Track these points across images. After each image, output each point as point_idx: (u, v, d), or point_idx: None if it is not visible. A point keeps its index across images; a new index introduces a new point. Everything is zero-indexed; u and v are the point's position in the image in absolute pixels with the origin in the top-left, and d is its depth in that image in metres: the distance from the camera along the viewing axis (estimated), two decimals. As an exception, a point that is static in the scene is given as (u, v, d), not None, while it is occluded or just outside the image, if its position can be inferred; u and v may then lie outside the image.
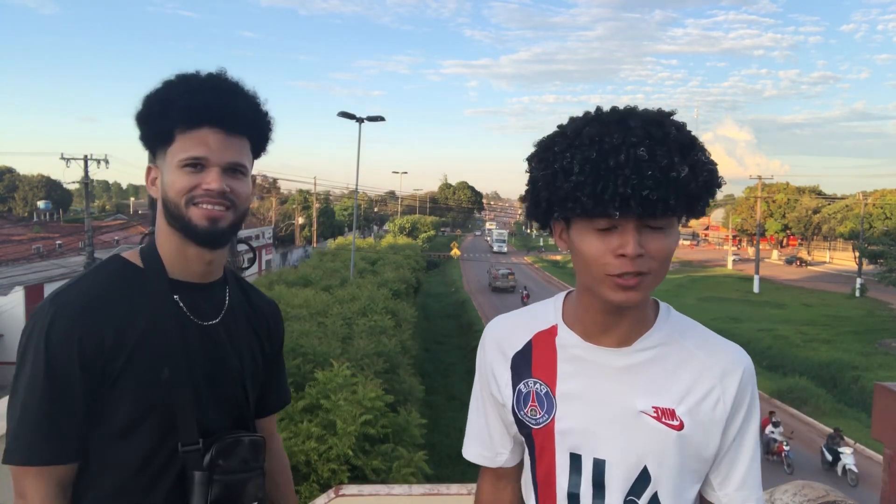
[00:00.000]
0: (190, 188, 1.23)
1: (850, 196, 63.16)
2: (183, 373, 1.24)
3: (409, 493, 3.68)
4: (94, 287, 1.24)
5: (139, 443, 1.22)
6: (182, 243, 1.28)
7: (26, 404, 1.17)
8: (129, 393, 1.20)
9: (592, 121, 1.01)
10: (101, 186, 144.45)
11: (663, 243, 1.00)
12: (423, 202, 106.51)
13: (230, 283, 1.41)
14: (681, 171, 0.94)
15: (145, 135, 1.28)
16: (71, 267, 25.01)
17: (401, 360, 12.56)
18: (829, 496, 2.13)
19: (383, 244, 39.97)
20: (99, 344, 1.18)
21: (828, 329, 30.47)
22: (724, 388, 1.10)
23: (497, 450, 1.26)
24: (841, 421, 18.01)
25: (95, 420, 1.21)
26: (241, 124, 1.27)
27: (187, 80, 1.26)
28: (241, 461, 1.28)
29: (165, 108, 1.23)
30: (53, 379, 1.17)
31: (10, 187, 74.06)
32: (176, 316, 1.26)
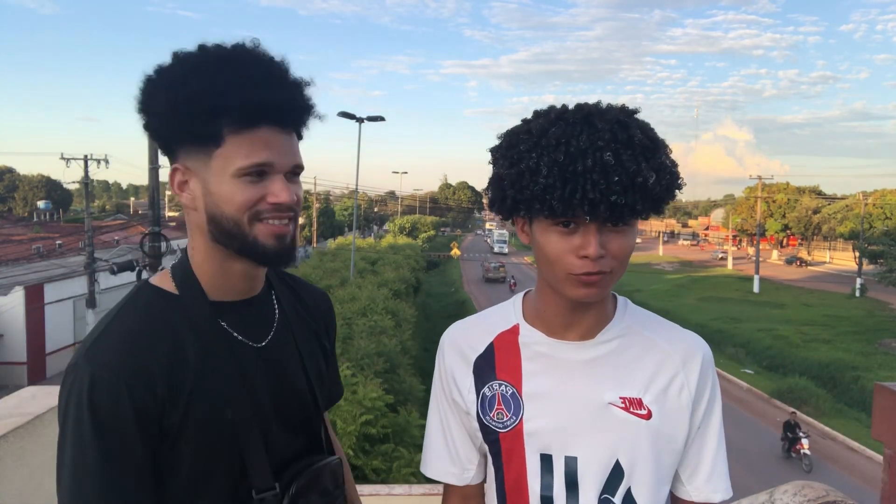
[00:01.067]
0: (255, 201, 1.02)
1: (850, 196, 63.20)
2: (246, 410, 1.06)
3: (409, 493, 3.69)
4: (130, 327, 1.03)
5: (211, 497, 1.06)
6: (226, 261, 1.08)
7: (86, 484, 0.95)
8: (192, 444, 1.03)
9: (558, 119, 1.00)
10: (101, 186, 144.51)
11: (624, 243, 1.01)
12: (423, 202, 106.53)
13: (276, 288, 1.21)
14: (648, 178, 0.95)
15: (176, 132, 1.03)
16: (71, 267, 25.01)
17: (401, 360, 12.57)
18: (829, 496, 2.13)
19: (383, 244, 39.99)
20: (151, 392, 0.99)
21: (828, 329, 30.48)
22: (686, 374, 1.11)
23: (464, 465, 1.21)
24: (841, 421, 18.03)
25: (160, 480, 1.03)
26: (297, 118, 1.08)
27: (232, 67, 1.01)
28: (321, 493, 1.15)
29: (216, 105, 0.99)
30: (107, 449, 0.96)
31: (10, 187, 74.06)
32: (228, 345, 1.08)
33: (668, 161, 1.00)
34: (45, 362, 21.81)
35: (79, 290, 23.44)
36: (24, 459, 2.27)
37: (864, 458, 15.41)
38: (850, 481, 13.81)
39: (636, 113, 1.03)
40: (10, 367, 20.45)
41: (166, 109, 1.02)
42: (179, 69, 1.02)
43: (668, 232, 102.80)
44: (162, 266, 13.85)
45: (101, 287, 23.12)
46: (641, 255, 69.90)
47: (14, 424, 2.26)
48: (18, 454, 2.25)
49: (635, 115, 1.02)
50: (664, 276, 52.07)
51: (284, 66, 1.07)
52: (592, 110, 1.00)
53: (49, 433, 2.44)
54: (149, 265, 13.65)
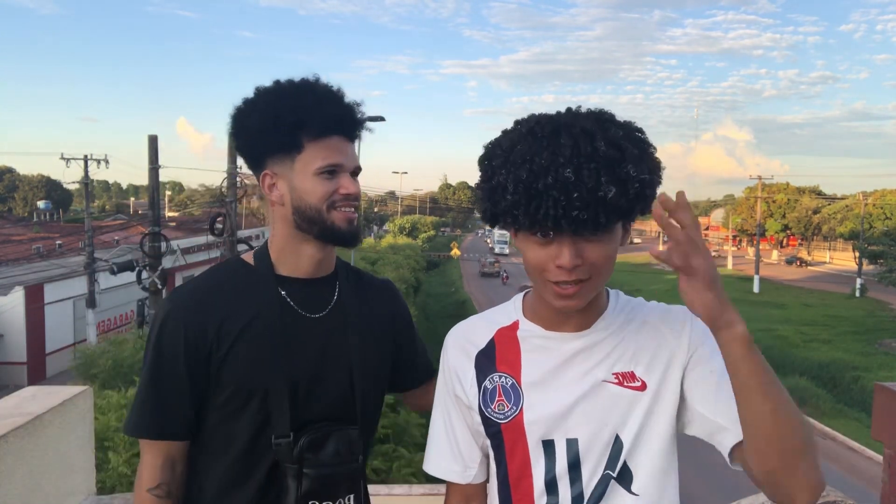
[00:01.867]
0: (330, 193, 1.31)
1: (850, 196, 63.19)
2: (281, 361, 1.29)
3: (409, 493, 3.69)
4: (205, 283, 1.36)
5: (240, 428, 1.30)
6: (301, 244, 1.36)
7: (141, 387, 1.32)
8: (232, 378, 1.29)
9: (527, 135, 1.03)
10: (101, 186, 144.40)
11: (602, 251, 1.04)
12: (423, 202, 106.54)
13: (341, 277, 1.45)
14: (608, 193, 0.96)
15: (265, 145, 1.32)
16: (71, 267, 25.00)
17: (401, 360, 12.54)
18: (829, 496, 2.13)
19: (383, 244, 40.00)
20: (202, 333, 1.28)
21: (828, 329, 30.48)
22: (676, 340, 1.14)
23: (467, 463, 1.24)
24: (841, 421, 18.03)
25: (209, 403, 1.32)
26: (356, 131, 1.38)
27: (311, 92, 1.32)
28: (333, 454, 1.30)
29: (299, 119, 1.29)
30: (161, 367, 1.29)
31: (10, 187, 74.08)
32: (280, 307, 1.33)
33: (633, 171, 0.98)
34: (45, 362, 21.80)
35: (79, 290, 23.43)
36: (24, 459, 2.27)
37: (864, 458, 15.42)
38: (850, 481, 13.81)
39: (609, 120, 1.03)
40: (10, 367, 20.44)
41: (259, 128, 1.31)
42: (266, 97, 1.33)
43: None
44: (161, 266, 13.85)
45: (101, 287, 23.12)
46: (641, 256, 69.94)
47: (14, 424, 2.26)
48: (18, 454, 2.25)
49: (610, 120, 1.03)
50: (664, 276, 52.05)
51: (342, 92, 1.37)
52: (562, 122, 1.02)
53: (49, 433, 2.44)
54: (149, 265, 13.65)
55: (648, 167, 1.01)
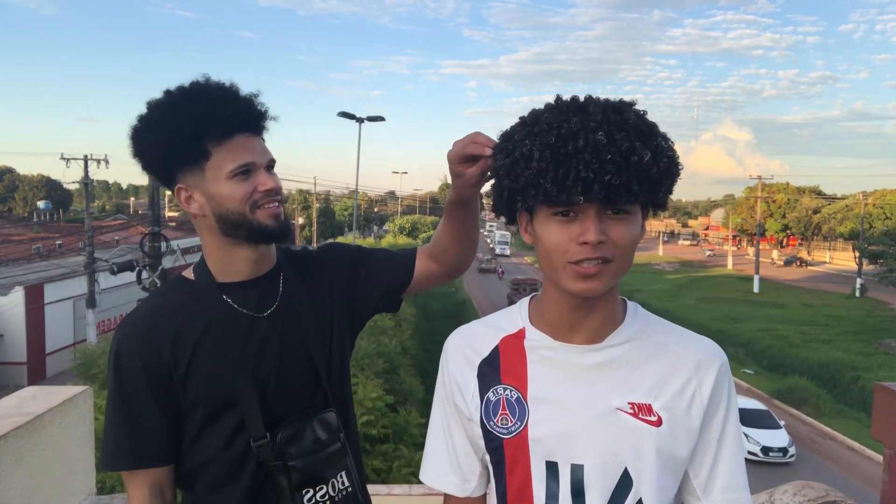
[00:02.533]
0: (249, 193, 1.28)
1: (850, 196, 63.17)
2: (242, 368, 1.30)
3: (409, 493, 3.68)
4: (150, 306, 1.34)
5: (218, 438, 1.31)
6: (232, 249, 1.34)
7: (110, 420, 1.30)
8: (199, 393, 1.29)
9: (552, 108, 1.00)
10: (101, 186, 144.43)
11: (626, 230, 0.98)
12: (423, 202, 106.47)
13: (284, 268, 1.43)
14: (643, 156, 0.92)
15: (169, 159, 1.28)
16: (71, 267, 24.99)
17: (401, 361, 12.56)
18: (829, 496, 2.13)
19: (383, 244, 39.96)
20: (158, 356, 1.27)
21: (828, 329, 30.48)
22: (699, 380, 1.07)
23: (466, 475, 1.16)
24: (841, 421, 18.02)
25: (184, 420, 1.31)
26: (261, 123, 1.34)
27: (204, 95, 1.27)
28: (312, 442, 1.32)
29: (198, 127, 1.25)
30: (126, 397, 1.28)
31: (10, 187, 74.02)
32: (230, 315, 1.32)
33: (664, 143, 0.97)
34: (45, 362, 21.80)
35: (79, 290, 23.43)
36: (24, 459, 2.27)
37: (864, 458, 15.41)
38: (850, 481, 13.81)
39: (633, 104, 1.01)
40: (10, 367, 20.44)
41: (160, 146, 1.27)
42: (159, 112, 1.28)
43: (668, 232, 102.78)
44: (162, 266, 13.85)
45: (101, 287, 23.11)
46: (641, 255, 69.87)
47: (14, 424, 2.26)
48: (18, 454, 2.24)
49: (632, 105, 1.00)
50: (664, 276, 52.06)
51: (237, 87, 1.33)
52: (587, 98, 1.00)
53: (49, 433, 2.44)
54: (149, 265, 13.65)
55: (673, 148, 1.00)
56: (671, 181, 0.99)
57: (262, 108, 1.34)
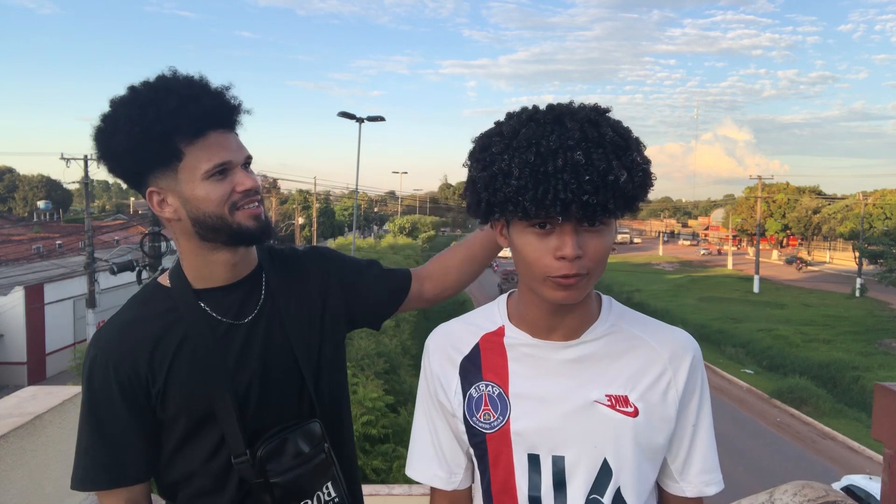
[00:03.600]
0: (227, 195, 1.21)
1: (850, 196, 63.17)
2: (220, 381, 1.23)
3: (409, 493, 3.69)
4: (125, 317, 1.27)
5: (197, 455, 1.26)
6: (210, 254, 1.26)
7: (83, 437, 1.24)
8: (177, 407, 1.24)
9: (529, 121, 1.00)
10: (101, 186, 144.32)
11: (601, 243, 1.01)
12: (423, 202, 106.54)
13: (266, 270, 1.36)
14: (619, 176, 0.94)
15: (141, 161, 1.20)
16: (71, 267, 25.00)
17: (401, 360, 12.58)
18: (829, 496, 2.13)
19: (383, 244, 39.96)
20: (133, 371, 1.22)
21: (828, 329, 30.47)
22: (674, 370, 1.11)
23: (452, 468, 1.20)
24: (841, 421, 18.03)
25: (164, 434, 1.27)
26: (235, 118, 1.26)
27: (172, 91, 1.18)
28: (294, 456, 1.26)
29: (168, 126, 1.16)
30: (99, 413, 1.22)
31: (10, 187, 74.02)
32: (207, 324, 1.25)
33: (639, 158, 0.99)
34: (45, 362, 21.81)
35: (79, 290, 23.44)
36: (24, 459, 2.27)
37: (864, 458, 15.41)
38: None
39: (608, 112, 1.02)
40: (10, 367, 20.45)
41: (128, 146, 1.17)
42: (125, 111, 1.18)
43: (668, 232, 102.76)
44: (162, 266, 13.85)
45: (101, 287, 23.11)
46: (641, 255, 69.94)
47: (14, 424, 2.26)
48: (18, 454, 2.25)
49: (607, 113, 1.02)
50: (664, 276, 52.07)
51: (206, 81, 1.24)
52: (563, 110, 1.00)
53: (49, 433, 2.44)
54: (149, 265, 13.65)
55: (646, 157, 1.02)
56: (644, 194, 1.02)
57: (234, 101, 1.25)
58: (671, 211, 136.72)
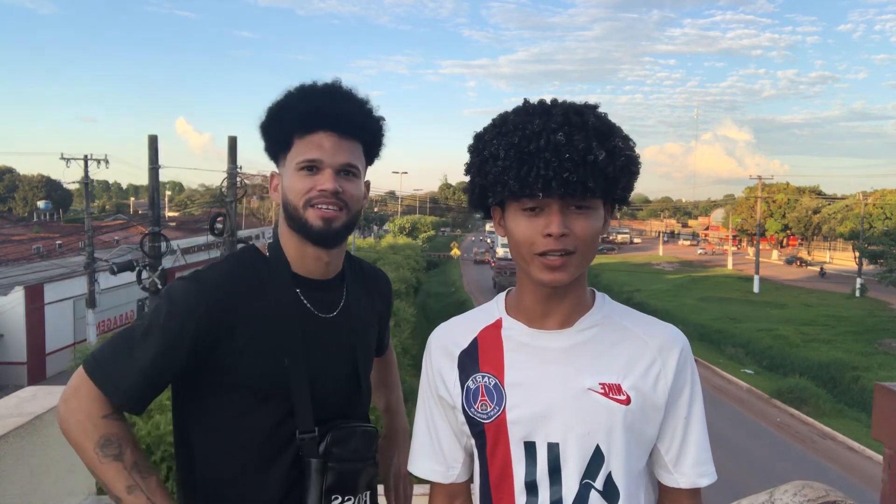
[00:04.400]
0: (307, 190, 1.29)
1: (850, 196, 63.17)
2: (301, 363, 1.30)
3: (409, 493, 3.68)
4: (228, 268, 1.33)
5: (259, 423, 1.29)
6: (301, 243, 1.34)
7: (128, 341, 1.25)
8: (250, 374, 1.27)
9: (518, 110, 1.10)
10: (101, 186, 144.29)
11: (587, 223, 1.07)
12: (423, 202, 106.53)
13: (347, 275, 1.46)
14: (598, 155, 1.01)
15: (268, 143, 1.36)
16: (71, 267, 24.99)
17: (401, 360, 12.57)
18: (829, 496, 2.13)
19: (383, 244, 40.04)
20: (215, 323, 1.25)
21: (828, 329, 30.46)
22: (663, 362, 1.15)
23: (449, 462, 1.25)
24: (841, 421, 18.02)
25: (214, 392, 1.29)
26: (353, 128, 1.34)
27: (302, 88, 1.33)
28: (354, 450, 1.32)
29: (282, 116, 1.31)
30: (164, 344, 1.23)
31: (10, 187, 74.06)
32: (298, 308, 1.33)
33: (622, 144, 1.06)
34: (45, 362, 21.79)
35: (79, 290, 23.43)
36: (23, 459, 2.28)
37: (863, 458, 15.41)
38: (850, 481, 13.81)
39: (596, 107, 1.10)
40: (10, 367, 20.43)
41: (262, 130, 1.35)
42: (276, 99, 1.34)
43: (668, 232, 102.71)
44: (161, 266, 13.85)
45: (101, 287, 23.12)
46: (641, 255, 69.90)
47: (14, 424, 2.26)
48: (18, 454, 2.25)
49: (595, 108, 1.09)
50: (664, 276, 52.06)
51: (349, 91, 1.35)
52: (552, 102, 1.09)
53: (49, 433, 2.44)
54: (149, 265, 13.65)
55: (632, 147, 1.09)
56: (629, 178, 1.09)
57: (363, 116, 1.36)
58: (671, 211, 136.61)
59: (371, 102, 1.39)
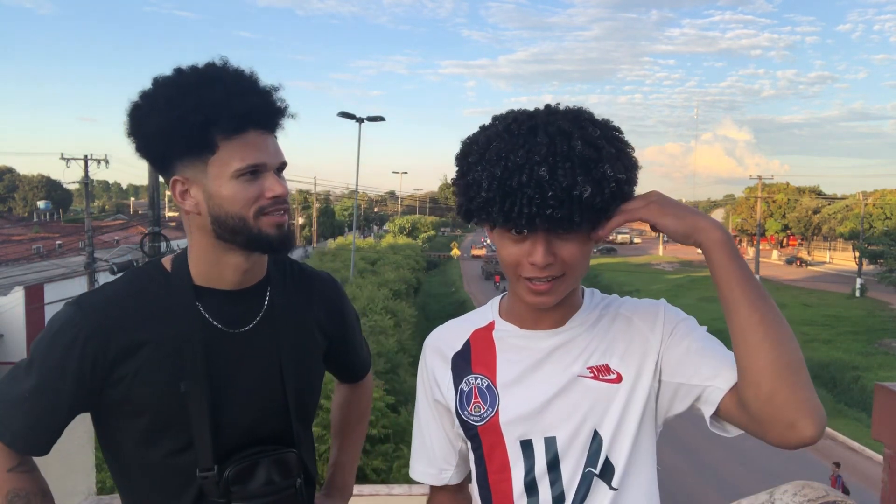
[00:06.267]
0: (255, 198, 1.15)
1: (850, 196, 63.19)
2: (201, 389, 1.16)
3: (409, 493, 3.69)
4: (115, 290, 1.20)
5: (157, 455, 1.18)
6: (224, 255, 1.20)
7: (13, 380, 1.17)
8: (144, 401, 1.16)
9: (503, 133, 1.03)
10: (101, 186, 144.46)
11: (574, 249, 1.04)
12: (423, 202, 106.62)
13: (274, 280, 1.30)
14: (583, 192, 0.97)
15: (168, 146, 1.15)
16: (71, 267, 25.00)
17: (401, 360, 12.60)
18: (829, 496, 2.13)
19: (383, 244, 40.06)
20: (103, 348, 1.14)
21: (828, 329, 30.47)
22: (649, 329, 1.13)
23: (440, 465, 1.24)
24: (841, 421, 18.04)
25: (120, 427, 1.20)
26: (277, 121, 1.22)
27: (220, 81, 1.15)
28: (263, 483, 1.20)
29: (209, 116, 1.12)
30: (46, 377, 1.14)
31: (10, 187, 74.11)
32: (199, 325, 1.19)
33: (610, 171, 0.99)
34: (45, 362, 21.82)
35: (79, 290, 23.42)
36: (24, 459, 2.27)
37: (863, 458, 15.42)
38: (850, 481, 13.82)
39: (587, 118, 1.04)
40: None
41: (162, 129, 1.13)
42: (166, 92, 1.14)
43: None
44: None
45: (101, 287, 23.14)
46: (641, 256, 69.89)
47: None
48: (18, 454, 2.24)
49: (588, 119, 1.03)
50: (664, 276, 52.10)
51: (256, 77, 1.20)
52: (539, 121, 1.02)
53: (49, 433, 2.44)
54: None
55: (625, 166, 1.02)
56: (619, 203, 1.03)
57: (281, 104, 1.21)
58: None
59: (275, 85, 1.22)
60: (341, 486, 1.56)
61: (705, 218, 1.00)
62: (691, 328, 1.13)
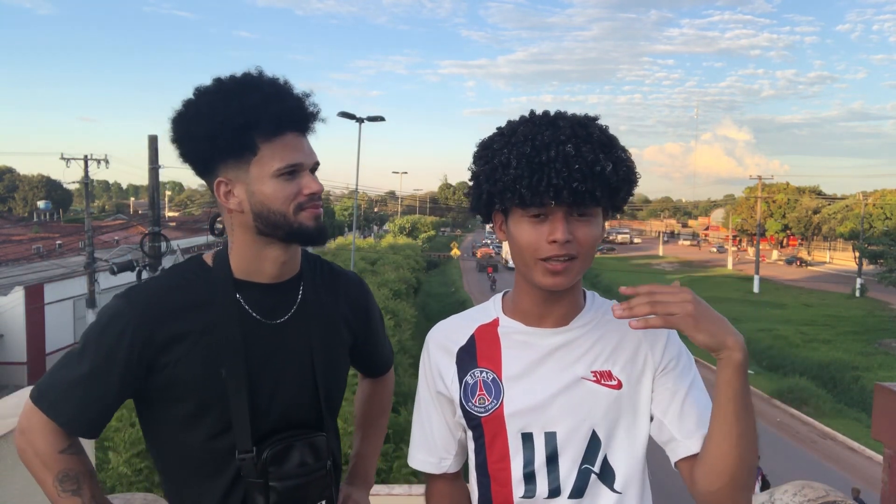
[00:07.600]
0: (294, 195, 1.25)
1: (850, 196, 63.19)
2: (240, 374, 1.25)
3: (409, 493, 3.69)
4: (160, 283, 1.29)
5: (197, 439, 1.26)
6: (264, 249, 1.30)
7: (66, 366, 1.24)
8: (186, 387, 1.24)
9: (526, 122, 1.15)
10: (101, 186, 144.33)
11: (589, 231, 1.12)
12: (423, 202, 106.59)
13: (306, 276, 1.39)
14: (605, 166, 1.08)
15: (217, 150, 1.24)
16: (71, 267, 25.00)
17: (401, 360, 12.58)
18: (829, 496, 2.13)
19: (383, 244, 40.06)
20: (150, 336, 1.22)
21: (828, 329, 30.47)
22: (650, 344, 1.20)
23: (440, 454, 1.30)
24: (841, 421, 18.02)
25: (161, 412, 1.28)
26: (310, 124, 1.32)
27: (258, 88, 1.24)
28: (297, 465, 1.28)
29: (250, 120, 1.21)
30: (97, 363, 1.21)
31: (10, 187, 74.05)
32: (237, 314, 1.28)
33: (623, 155, 1.13)
34: (45, 362, 21.77)
35: (79, 290, 23.44)
36: (24, 459, 2.27)
37: (863, 458, 15.41)
38: (850, 481, 13.81)
39: (597, 119, 1.16)
40: (10, 367, 20.44)
41: (207, 133, 1.22)
42: (209, 99, 1.24)
43: (668, 232, 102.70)
44: (162, 266, 13.85)
45: (101, 287, 23.11)
46: (641, 256, 69.85)
47: (14, 425, 2.25)
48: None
49: (596, 120, 1.16)
50: (664, 276, 52.04)
51: (289, 84, 1.30)
52: (557, 114, 1.16)
53: (49, 433, 2.44)
54: (149, 265, 13.66)
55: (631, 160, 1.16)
56: (629, 188, 1.15)
57: (314, 108, 1.32)
58: (671, 211, 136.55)
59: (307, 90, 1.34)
60: (364, 476, 1.63)
61: (733, 336, 1.03)
62: (687, 369, 1.21)
